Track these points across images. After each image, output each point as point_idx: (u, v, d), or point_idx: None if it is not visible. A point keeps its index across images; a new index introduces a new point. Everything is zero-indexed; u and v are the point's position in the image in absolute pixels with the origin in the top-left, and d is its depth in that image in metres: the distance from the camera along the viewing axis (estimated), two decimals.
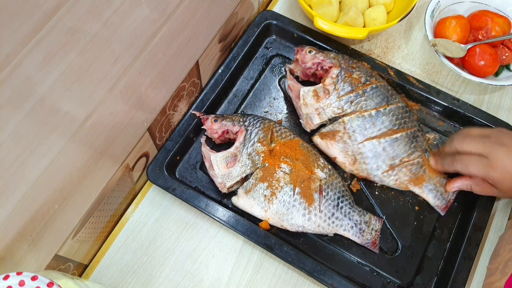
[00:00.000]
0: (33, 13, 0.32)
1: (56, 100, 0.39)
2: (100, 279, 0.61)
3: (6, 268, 0.44)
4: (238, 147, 0.63)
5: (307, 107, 0.66)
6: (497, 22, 0.74)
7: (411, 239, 0.63)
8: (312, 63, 0.66)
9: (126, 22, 0.43)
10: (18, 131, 0.36)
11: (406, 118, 0.65)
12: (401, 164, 0.64)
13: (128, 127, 0.55)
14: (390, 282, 0.61)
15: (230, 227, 0.60)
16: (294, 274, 0.62)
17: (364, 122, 0.64)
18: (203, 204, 0.61)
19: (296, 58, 0.69)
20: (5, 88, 0.33)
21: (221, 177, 0.62)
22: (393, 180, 0.64)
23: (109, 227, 0.64)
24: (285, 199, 0.60)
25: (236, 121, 0.65)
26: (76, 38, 0.37)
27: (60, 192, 0.47)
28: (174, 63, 0.58)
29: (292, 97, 0.70)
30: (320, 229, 0.61)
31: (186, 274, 0.61)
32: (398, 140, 0.64)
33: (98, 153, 0.50)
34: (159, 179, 0.63)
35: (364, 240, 0.61)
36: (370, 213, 0.62)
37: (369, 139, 0.64)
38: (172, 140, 0.66)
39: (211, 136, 0.66)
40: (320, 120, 0.66)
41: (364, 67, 0.69)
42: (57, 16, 0.34)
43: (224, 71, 0.71)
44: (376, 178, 0.65)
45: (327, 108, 0.65)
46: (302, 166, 0.62)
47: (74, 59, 0.38)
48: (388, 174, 0.64)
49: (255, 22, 0.75)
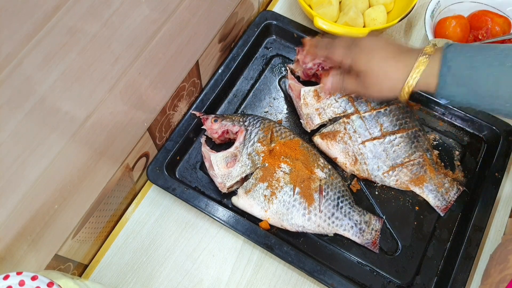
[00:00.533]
0: (33, 13, 0.32)
1: (56, 100, 0.39)
2: (100, 279, 0.61)
3: (6, 268, 0.44)
4: (238, 147, 0.63)
5: (308, 107, 0.66)
6: (497, 22, 0.74)
7: (411, 239, 0.63)
8: (313, 64, 0.66)
9: (126, 22, 0.43)
10: (18, 131, 0.36)
11: (407, 118, 0.65)
12: (402, 165, 0.64)
13: (128, 127, 0.55)
14: (390, 282, 0.61)
15: (230, 227, 0.60)
16: (294, 274, 0.62)
17: (365, 122, 0.64)
18: (203, 204, 0.61)
19: (297, 58, 0.69)
20: (5, 88, 0.33)
21: (221, 177, 0.62)
22: (393, 180, 0.64)
23: (109, 227, 0.64)
24: (285, 199, 0.60)
25: (236, 121, 0.65)
26: (76, 38, 0.37)
27: (60, 192, 0.47)
28: (174, 63, 0.58)
29: (292, 97, 0.70)
30: (320, 229, 0.61)
31: (186, 274, 0.61)
32: (399, 140, 0.64)
33: (98, 153, 0.50)
34: (159, 179, 0.63)
35: (364, 240, 0.61)
36: (370, 213, 0.62)
37: (370, 140, 0.64)
38: (172, 140, 0.65)
39: (211, 136, 0.66)
40: (320, 120, 0.66)
41: None
42: (57, 16, 0.34)
43: (224, 71, 0.71)
44: (377, 179, 0.65)
45: (328, 108, 0.65)
46: (302, 166, 0.62)
47: (74, 59, 0.38)
48: (389, 175, 0.64)
49: (255, 22, 0.75)
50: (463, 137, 0.71)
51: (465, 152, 0.70)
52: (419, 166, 0.64)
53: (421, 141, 0.65)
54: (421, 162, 0.64)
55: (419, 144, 0.65)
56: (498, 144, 0.67)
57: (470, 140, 0.71)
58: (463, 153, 0.70)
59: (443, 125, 0.71)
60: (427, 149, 0.65)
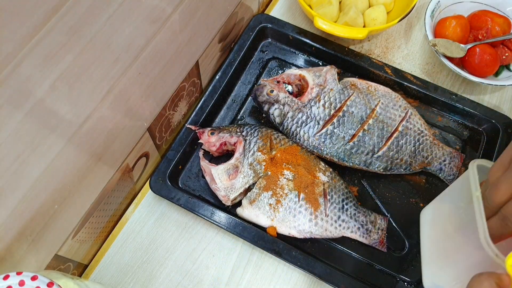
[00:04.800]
0: (33, 13, 0.32)
1: (56, 100, 0.39)
2: (100, 279, 0.61)
3: (6, 268, 0.44)
4: (239, 158, 0.62)
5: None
6: (497, 22, 0.74)
7: (418, 237, 0.63)
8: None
9: (126, 22, 0.43)
10: (17, 131, 0.36)
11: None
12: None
13: (128, 127, 0.54)
14: (399, 280, 0.60)
15: (237, 235, 0.60)
16: (294, 274, 0.62)
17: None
18: (209, 213, 0.61)
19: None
20: (5, 88, 0.33)
21: (224, 190, 0.61)
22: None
23: (109, 227, 0.64)
24: (290, 206, 0.60)
25: (233, 132, 0.64)
26: (76, 38, 0.37)
27: (60, 192, 0.47)
28: (174, 63, 0.58)
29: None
30: (327, 233, 0.60)
31: (186, 274, 0.61)
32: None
33: (98, 153, 0.50)
34: (163, 189, 0.62)
35: (371, 240, 0.61)
36: (375, 213, 0.63)
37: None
38: (173, 149, 0.65)
39: (208, 149, 0.65)
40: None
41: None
42: (57, 16, 0.34)
43: (222, 77, 0.71)
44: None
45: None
46: (305, 171, 0.61)
47: (74, 59, 0.38)
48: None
49: (250, 26, 0.75)
50: (463, 132, 0.71)
51: (465, 146, 0.70)
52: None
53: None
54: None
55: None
56: (498, 137, 0.68)
57: (470, 134, 0.71)
58: (464, 147, 0.70)
59: (442, 120, 0.72)
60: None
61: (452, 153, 0.66)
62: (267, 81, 0.68)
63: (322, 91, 0.66)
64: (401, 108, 0.66)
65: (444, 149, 0.66)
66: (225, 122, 0.71)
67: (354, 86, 0.67)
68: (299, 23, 0.80)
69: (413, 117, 0.66)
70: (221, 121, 0.71)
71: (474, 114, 0.70)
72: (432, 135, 0.67)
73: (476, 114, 0.69)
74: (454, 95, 0.70)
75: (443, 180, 0.66)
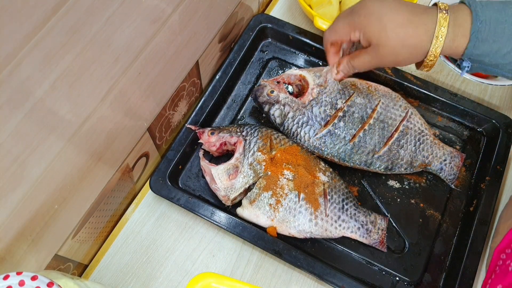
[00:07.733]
0: (33, 13, 0.32)
1: (56, 100, 0.39)
2: (100, 279, 0.61)
3: (6, 268, 0.44)
4: (239, 157, 0.62)
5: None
6: None
7: (418, 237, 0.63)
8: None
9: (126, 22, 0.43)
10: (17, 131, 0.36)
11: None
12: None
13: (128, 127, 0.54)
14: (399, 280, 0.61)
15: (237, 235, 0.60)
16: (294, 274, 0.62)
17: None
18: (209, 213, 0.61)
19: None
20: (5, 88, 0.33)
21: (224, 190, 0.61)
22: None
23: (109, 227, 0.64)
24: (290, 206, 0.60)
25: (233, 132, 0.64)
26: (76, 38, 0.37)
27: (60, 192, 0.47)
28: (174, 63, 0.58)
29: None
30: (327, 233, 0.60)
31: (186, 274, 0.61)
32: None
33: (98, 153, 0.50)
34: (163, 189, 0.62)
35: (371, 240, 0.61)
36: (374, 213, 0.63)
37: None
38: (174, 149, 0.65)
39: (208, 149, 0.65)
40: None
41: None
42: (57, 16, 0.34)
43: (222, 77, 0.71)
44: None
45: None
46: (305, 171, 0.61)
47: (74, 59, 0.38)
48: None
49: (250, 26, 0.75)
50: (463, 132, 0.71)
51: (465, 147, 0.70)
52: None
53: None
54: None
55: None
56: (498, 137, 0.68)
57: (470, 134, 0.71)
58: (464, 148, 0.70)
59: (442, 120, 0.72)
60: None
61: (452, 153, 0.66)
62: (267, 82, 0.68)
63: (323, 91, 0.66)
64: (401, 108, 0.66)
65: (444, 148, 0.66)
66: (225, 122, 0.71)
67: (355, 86, 0.67)
68: (299, 23, 0.80)
69: (413, 117, 0.66)
70: (221, 121, 0.71)
71: (474, 114, 0.70)
72: (432, 135, 0.67)
73: (476, 114, 0.69)
74: (454, 95, 0.70)
75: (444, 179, 0.66)
